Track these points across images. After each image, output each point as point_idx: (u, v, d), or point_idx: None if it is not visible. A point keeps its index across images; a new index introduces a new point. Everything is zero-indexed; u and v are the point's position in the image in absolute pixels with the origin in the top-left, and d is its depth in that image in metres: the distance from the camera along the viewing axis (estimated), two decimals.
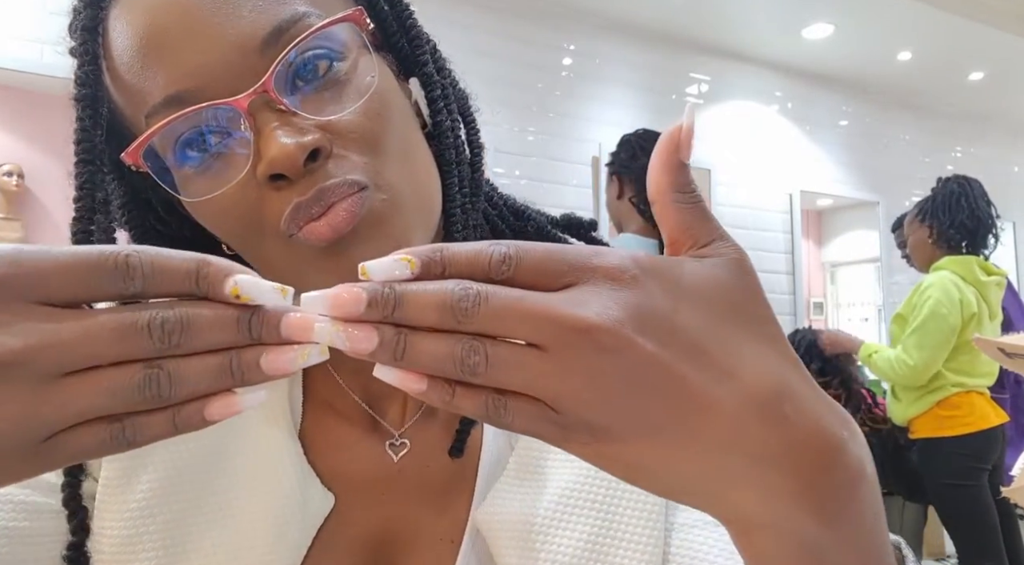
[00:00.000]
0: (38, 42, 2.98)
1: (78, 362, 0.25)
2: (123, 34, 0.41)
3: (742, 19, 4.31)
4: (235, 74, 0.39)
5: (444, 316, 0.25)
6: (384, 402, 0.51)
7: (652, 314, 0.26)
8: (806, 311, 4.94)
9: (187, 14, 0.39)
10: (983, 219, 2.50)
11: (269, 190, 0.40)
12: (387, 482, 0.49)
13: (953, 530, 2.49)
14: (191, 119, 0.40)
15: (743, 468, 0.27)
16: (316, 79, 0.41)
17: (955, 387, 2.43)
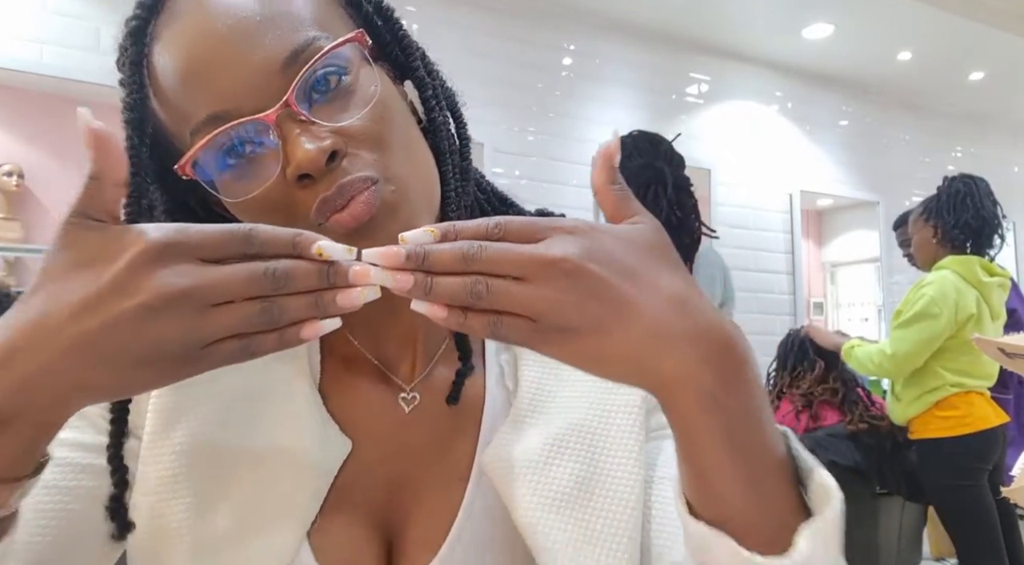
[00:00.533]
0: (38, 42, 2.98)
1: (222, 297, 0.37)
2: (166, 66, 0.50)
3: (742, 19, 4.31)
4: (262, 93, 0.47)
5: (457, 262, 0.37)
6: (395, 361, 0.59)
7: (598, 250, 0.38)
8: (806, 311, 4.94)
9: (218, 47, 0.48)
10: (988, 219, 2.48)
11: (297, 188, 0.48)
12: (400, 430, 0.57)
13: (952, 530, 2.49)
14: (229, 133, 0.48)
15: (665, 346, 0.38)
16: (328, 92, 0.49)
17: (954, 387, 2.42)
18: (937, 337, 2.40)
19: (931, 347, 2.41)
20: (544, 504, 0.53)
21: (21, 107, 3.09)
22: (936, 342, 2.41)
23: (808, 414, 2.73)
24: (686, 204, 2.07)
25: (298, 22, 0.49)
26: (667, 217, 2.04)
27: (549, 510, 0.52)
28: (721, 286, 2.18)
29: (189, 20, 0.49)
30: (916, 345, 2.41)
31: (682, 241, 2.04)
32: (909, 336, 2.41)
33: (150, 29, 0.52)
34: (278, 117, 0.47)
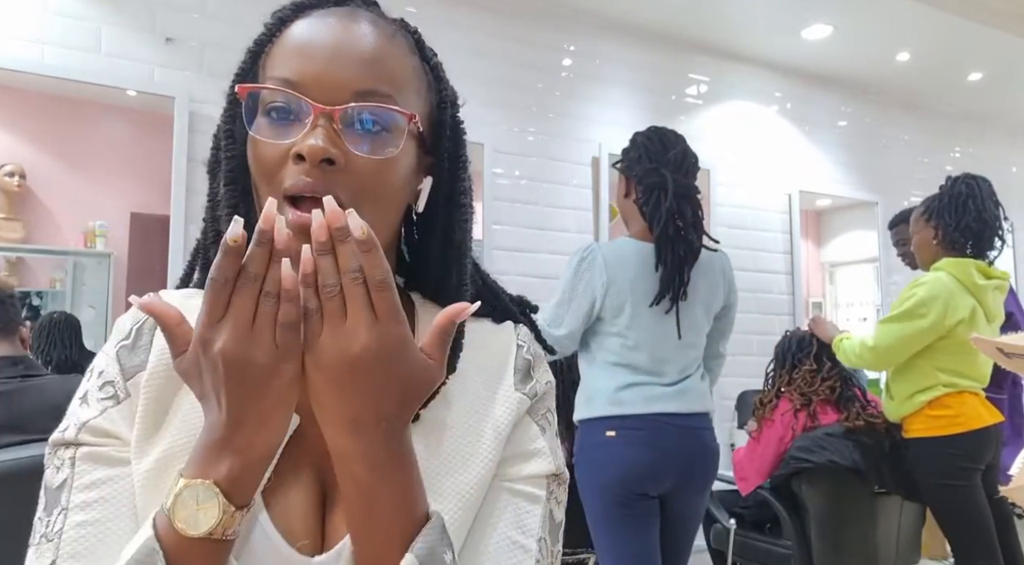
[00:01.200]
0: (39, 42, 2.99)
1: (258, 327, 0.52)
2: (297, 33, 0.65)
3: (742, 20, 4.32)
4: (329, 94, 0.61)
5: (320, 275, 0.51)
6: None
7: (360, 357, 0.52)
8: (805, 311, 4.94)
9: (336, 50, 0.63)
10: (989, 222, 2.47)
11: (292, 162, 0.60)
12: None
13: (947, 530, 2.49)
14: (286, 97, 0.62)
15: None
16: (366, 129, 0.62)
17: (947, 387, 2.43)
18: (920, 337, 2.41)
19: (912, 345, 2.43)
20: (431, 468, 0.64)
21: (23, 108, 3.10)
22: (918, 341, 2.42)
23: (806, 412, 2.74)
24: (687, 213, 2.04)
25: (390, 78, 0.64)
26: (665, 226, 2.02)
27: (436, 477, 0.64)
28: (724, 292, 2.17)
29: (335, 23, 0.65)
30: (897, 341, 2.42)
31: (677, 252, 2.02)
32: (892, 331, 2.43)
33: (308, 10, 0.66)
34: (322, 113, 0.60)
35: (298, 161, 0.60)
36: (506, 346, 0.74)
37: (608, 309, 2.02)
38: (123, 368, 0.64)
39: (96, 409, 0.63)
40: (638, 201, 2.08)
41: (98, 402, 0.63)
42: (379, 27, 0.66)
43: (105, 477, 0.61)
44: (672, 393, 2.03)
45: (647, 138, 2.13)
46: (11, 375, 1.85)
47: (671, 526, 2.07)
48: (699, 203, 2.11)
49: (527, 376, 0.73)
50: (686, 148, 2.13)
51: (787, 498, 2.71)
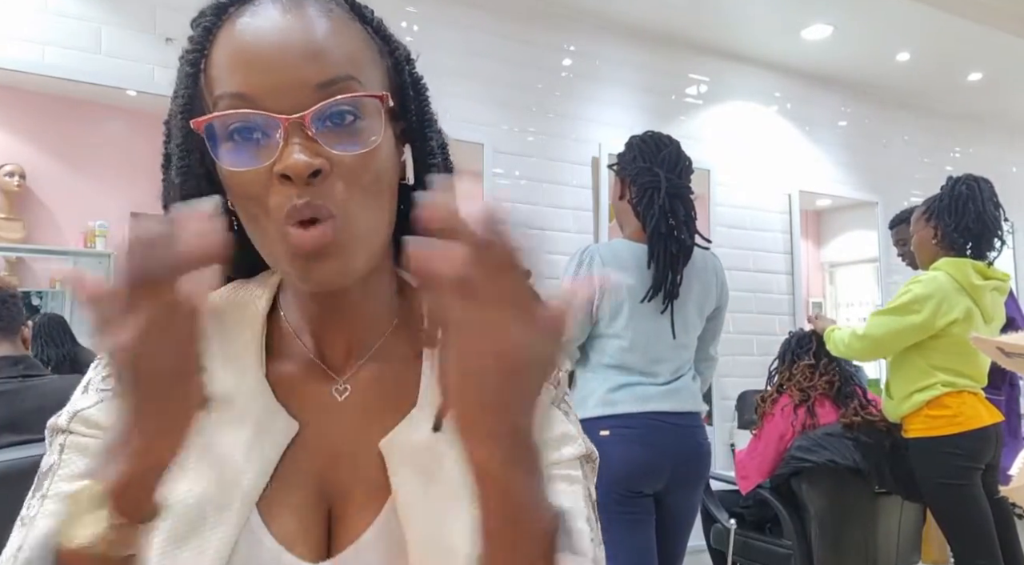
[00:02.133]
0: (39, 43, 2.99)
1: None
2: (228, 41, 0.58)
3: (742, 20, 4.32)
4: (289, 99, 0.55)
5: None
6: (330, 353, 0.67)
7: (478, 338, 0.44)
8: (805, 311, 4.95)
9: (276, 48, 0.57)
10: (989, 223, 2.48)
11: (277, 183, 0.56)
12: (336, 416, 0.65)
13: (947, 530, 2.49)
14: (249, 115, 0.56)
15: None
16: (340, 124, 0.57)
17: (945, 387, 2.43)
18: (910, 333, 2.42)
19: (902, 340, 2.44)
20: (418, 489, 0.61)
21: (23, 108, 3.10)
22: (908, 337, 2.43)
23: (805, 408, 2.75)
24: (679, 212, 2.06)
25: (345, 59, 0.58)
26: (657, 224, 2.04)
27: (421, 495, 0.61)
28: (717, 293, 2.19)
29: (264, 19, 0.58)
30: (887, 333, 2.44)
31: (669, 250, 2.03)
32: (883, 323, 2.46)
33: (232, 10, 0.59)
34: (291, 123, 0.55)
35: (284, 182, 0.55)
36: None
37: (605, 310, 2.03)
38: None
39: (92, 399, 0.62)
40: (632, 201, 2.10)
41: (97, 392, 0.62)
42: (311, 6, 0.59)
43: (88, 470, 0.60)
44: (665, 392, 2.04)
45: (641, 141, 2.16)
46: (11, 375, 1.85)
47: (666, 524, 2.08)
48: (692, 203, 2.12)
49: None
50: (680, 150, 2.15)
51: (787, 498, 2.71)
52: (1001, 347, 1.12)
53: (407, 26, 3.70)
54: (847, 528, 2.64)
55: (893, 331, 2.44)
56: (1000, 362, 1.16)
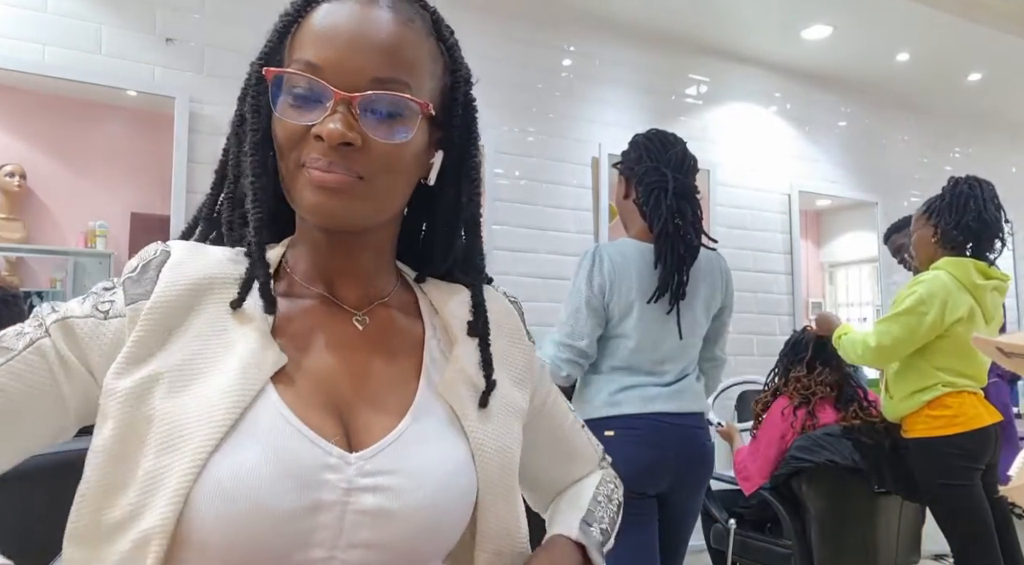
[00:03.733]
0: (39, 42, 2.99)
1: None
2: (322, 17, 0.69)
3: (741, 20, 4.32)
4: (349, 80, 0.66)
5: None
6: (343, 293, 0.76)
7: None
8: (804, 311, 4.95)
9: (358, 37, 0.67)
10: (989, 222, 2.48)
11: (312, 138, 0.66)
12: (356, 341, 0.74)
13: (947, 530, 2.49)
14: (308, 81, 0.66)
15: None
16: (382, 116, 0.67)
17: (946, 387, 2.43)
18: (919, 335, 2.41)
19: (913, 343, 2.43)
20: (479, 415, 0.75)
21: (23, 108, 3.10)
22: (918, 340, 2.42)
23: (806, 410, 2.75)
24: (687, 212, 2.05)
25: (407, 65, 0.69)
26: (665, 225, 2.03)
27: (483, 421, 0.75)
28: (723, 293, 2.18)
29: (357, 7, 0.68)
30: (898, 340, 2.43)
31: (676, 250, 2.03)
32: (892, 330, 2.44)
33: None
34: (342, 98, 0.65)
35: (318, 141, 0.65)
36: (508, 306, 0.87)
37: (615, 309, 2.02)
38: (127, 293, 0.68)
39: (84, 310, 0.67)
40: (638, 201, 2.08)
41: (92, 308, 0.68)
42: (397, 12, 0.69)
43: (26, 376, 0.64)
44: (669, 393, 2.03)
45: (647, 139, 2.14)
46: None
47: (669, 524, 2.07)
48: (699, 203, 2.11)
49: (524, 325, 0.88)
50: (686, 149, 2.14)
51: (787, 498, 2.71)
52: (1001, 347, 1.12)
53: None
54: (847, 528, 2.64)
55: (904, 336, 2.42)
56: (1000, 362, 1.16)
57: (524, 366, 0.83)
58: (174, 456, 0.60)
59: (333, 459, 0.64)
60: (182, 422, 0.61)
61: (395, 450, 0.67)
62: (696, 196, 2.11)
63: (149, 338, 0.65)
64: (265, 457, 0.60)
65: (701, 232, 2.09)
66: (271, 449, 0.61)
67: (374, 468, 0.65)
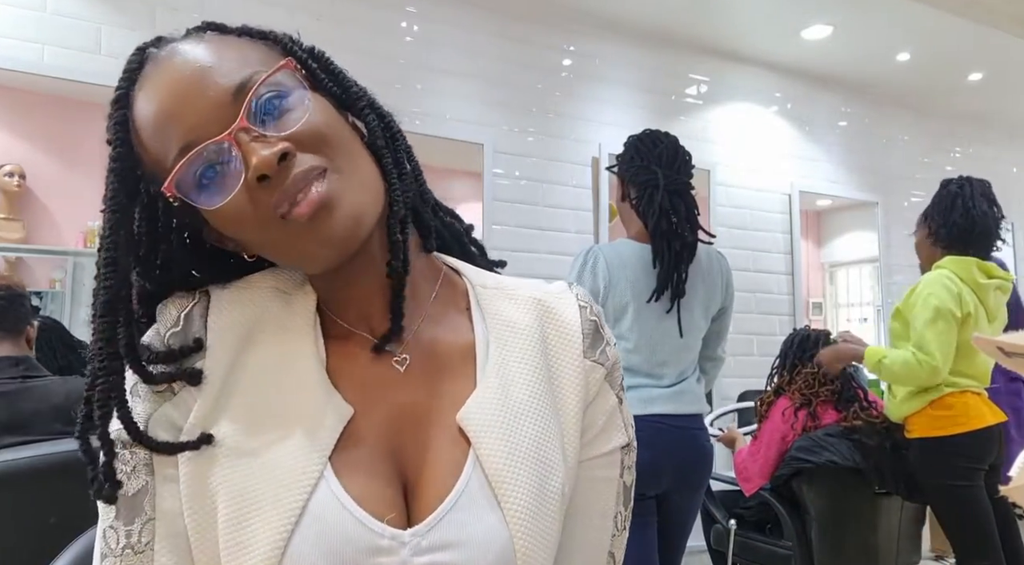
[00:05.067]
0: (38, 42, 2.99)
1: None
2: (143, 119, 0.61)
3: (742, 20, 4.32)
4: (221, 121, 0.58)
5: None
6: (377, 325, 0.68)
7: None
8: (805, 311, 4.95)
9: (181, 90, 0.59)
10: (979, 219, 2.49)
11: (260, 191, 0.58)
12: (400, 389, 0.66)
13: (949, 530, 2.49)
14: (200, 156, 0.58)
15: None
16: (274, 111, 0.60)
17: (948, 387, 2.42)
18: (956, 332, 2.38)
19: (953, 346, 2.38)
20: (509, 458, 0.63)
21: (22, 108, 3.10)
22: (956, 337, 2.39)
23: (807, 411, 2.75)
24: (680, 209, 2.05)
25: (243, 62, 0.61)
26: (658, 222, 2.03)
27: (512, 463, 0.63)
28: (722, 294, 2.17)
29: (157, 77, 0.61)
30: (950, 346, 2.37)
31: (672, 247, 2.02)
32: (942, 338, 2.36)
33: (132, 92, 0.62)
34: (235, 136, 0.58)
35: (263, 184, 0.58)
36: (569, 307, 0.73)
37: (610, 310, 2.02)
38: (179, 350, 0.63)
39: (150, 403, 0.62)
40: (633, 201, 2.09)
41: (153, 395, 0.62)
42: (188, 43, 0.63)
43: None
44: (669, 394, 2.03)
45: (638, 140, 2.15)
46: (12, 376, 1.85)
47: (667, 526, 2.07)
48: (693, 200, 2.10)
49: (595, 340, 0.73)
50: (677, 145, 2.13)
51: (787, 498, 2.71)
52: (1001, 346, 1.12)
53: (407, 26, 3.70)
54: (847, 529, 2.64)
55: (950, 339, 2.37)
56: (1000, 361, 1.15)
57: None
58: (247, 548, 0.58)
59: (386, 541, 0.59)
60: (253, 502, 0.58)
61: (453, 519, 0.61)
62: (690, 192, 2.10)
63: (213, 395, 0.62)
64: (318, 549, 0.58)
65: (698, 228, 2.09)
66: (324, 537, 0.58)
67: (430, 544, 0.60)
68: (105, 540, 0.60)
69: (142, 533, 0.59)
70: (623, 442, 0.72)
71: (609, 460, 0.72)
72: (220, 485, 0.59)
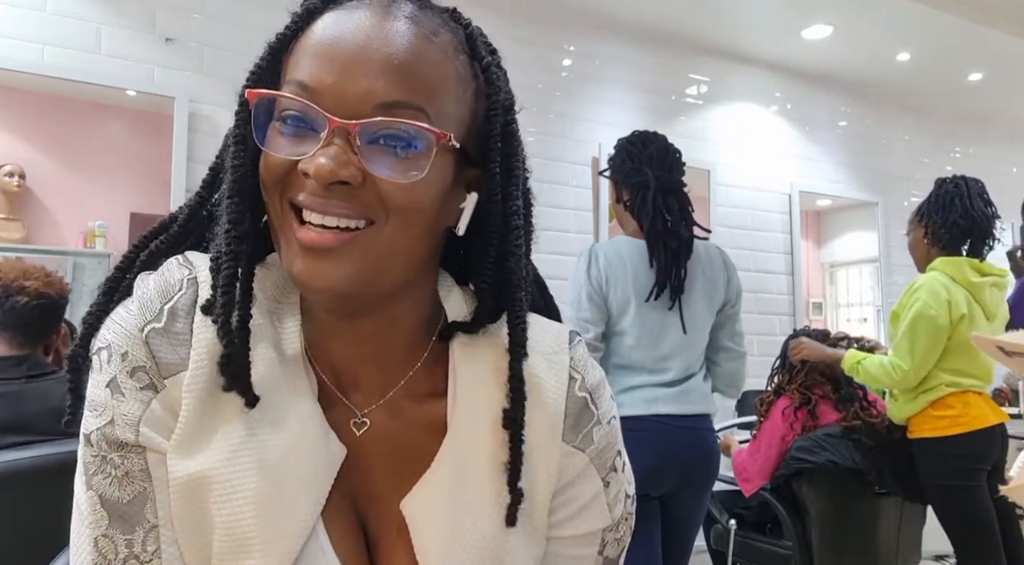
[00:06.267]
0: (38, 42, 2.99)
1: None
2: (322, 29, 0.56)
3: (742, 20, 4.32)
4: (349, 105, 0.53)
5: None
6: (350, 387, 0.63)
7: None
8: (805, 311, 4.95)
9: (360, 53, 0.54)
10: (977, 219, 2.49)
11: (301, 173, 0.54)
12: (357, 451, 0.61)
13: (950, 531, 2.48)
14: (305, 107, 0.54)
15: None
16: (391, 147, 0.54)
17: (949, 387, 2.43)
18: (942, 335, 2.40)
19: (939, 348, 2.41)
20: (448, 556, 0.58)
21: (22, 108, 3.10)
22: (942, 341, 2.41)
23: (807, 411, 2.75)
24: (673, 207, 2.06)
25: (423, 88, 0.55)
26: (653, 222, 2.04)
27: (451, 559, 0.58)
28: (724, 286, 2.17)
29: (365, 18, 0.56)
30: (926, 352, 2.40)
31: (668, 246, 2.03)
32: (917, 344, 2.40)
33: (328, 9, 0.57)
34: (338, 127, 0.53)
35: (306, 180, 0.54)
36: (555, 377, 0.64)
37: (613, 305, 2.03)
38: (157, 360, 0.56)
39: (138, 402, 0.56)
40: (626, 202, 2.11)
41: (138, 391, 0.56)
42: (418, 23, 0.56)
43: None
44: (673, 394, 2.03)
45: (628, 142, 2.17)
46: (15, 376, 1.85)
47: (672, 527, 2.06)
48: (686, 196, 2.12)
49: (580, 420, 0.65)
50: (667, 144, 2.15)
51: (787, 499, 2.71)
52: (1001, 346, 1.12)
53: None
54: (847, 529, 2.64)
55: (928, 345, 2.40)
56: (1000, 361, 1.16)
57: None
58: None
59: None
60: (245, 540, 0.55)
61: None
62: (683, 189, 2.12)
63: (194, 422, 0.56)
64: None
65: (692, 224, 2.10)
66: None
67: None
68: (98, 550, 0.55)
69: (146, 542, 0.55)
70: (605, 524, 0.66)
71: (585, 540, 0.65)
72: (215, 512, 0.55)
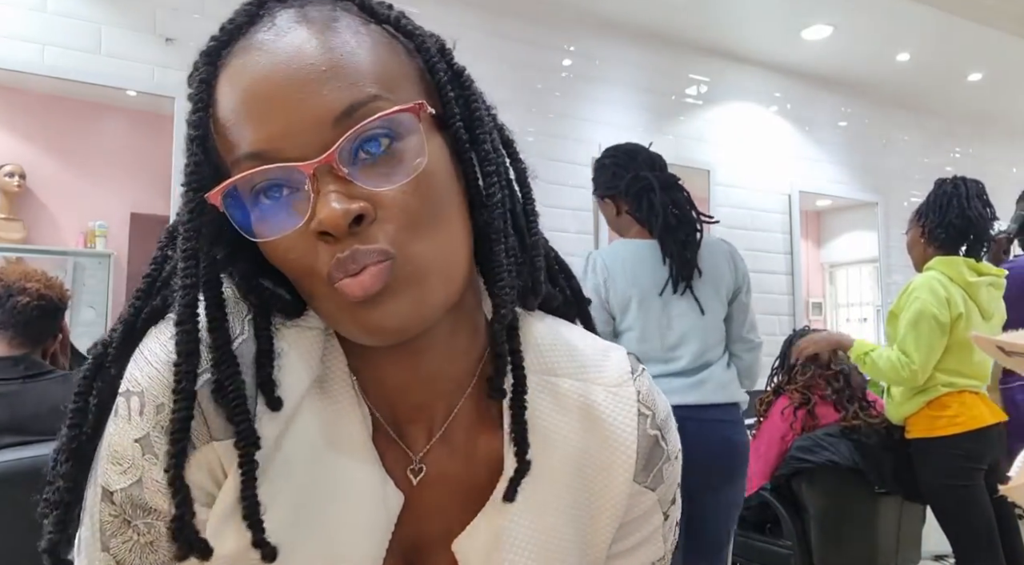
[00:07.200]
0: (38, 42, 2.99)
1: None
2: (228, 92, 0.49)
3: (742, 20, 4.32)
4: (309, 141, 0.47)
5: None
6: (406, 428, 0.58)
7: None
8: (805, 312, 4.95)
9: (278, 87, 0.47)
10: (974, 219, 2.49)
11: (319, 242, 0.48)
12: (412, 500, 0.57)
13: (948, 531, 2.48)
14: (267, 173, 0.48)
15: None
16: (376, 153, 0.48)
17: (945, 387, 2.43)
18: (945, 332, 2.40)
19: (941, 348, 2.41)
20: None
21: (23, 108, 3.10)
22: (945, 338, 2.40)
23: (806, 410, 2.75)
24: (680, 200, 2.11)
25: (362, 77, 0.48)
26: (665, 220, 2.06)
27: None
28: (731, 275, 2.19)
29: (260, 54, 0.49)
30: (931, 350, 2.39)
31: (679, 236, 2.06)
32: (922, 342, 2.39)
33: (225, 52, 0.51)
34: (317, 170, 0.47)
35: (325, 238, 0.47)
36: (624, 414, 0.61)
37: (615, 305, 2.06)
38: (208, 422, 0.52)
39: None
40: (631, 211, 2.11)
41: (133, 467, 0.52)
42: (312, 22, 0.50)
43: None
44: (688, 384, 1.99)
45: (612, 156, 2.18)
46: (12, 376, 1.85)
47: (700, 523, 1.98)
48: (685, 189, 2.15)
49: (651, 459, 0.62)
50: (649, 150, 2.19)
51: (787, 498, 2.71)
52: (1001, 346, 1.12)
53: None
54: (847, 528, 2.64)
55: (933, 342, 2.39)
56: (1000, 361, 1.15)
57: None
58: None
59: None
60: None
61: None
62: (680, 183, 2.15)
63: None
64: None
65: (698, 212, 2.13)
66: None
67: None
68: None
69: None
70: (659, 556, 0.65)
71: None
72: None
